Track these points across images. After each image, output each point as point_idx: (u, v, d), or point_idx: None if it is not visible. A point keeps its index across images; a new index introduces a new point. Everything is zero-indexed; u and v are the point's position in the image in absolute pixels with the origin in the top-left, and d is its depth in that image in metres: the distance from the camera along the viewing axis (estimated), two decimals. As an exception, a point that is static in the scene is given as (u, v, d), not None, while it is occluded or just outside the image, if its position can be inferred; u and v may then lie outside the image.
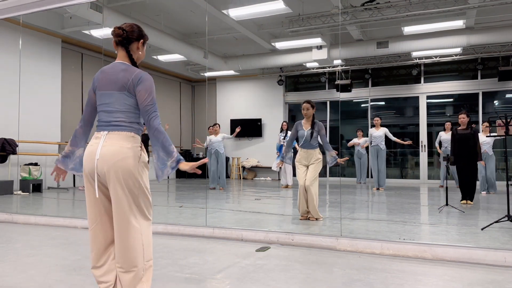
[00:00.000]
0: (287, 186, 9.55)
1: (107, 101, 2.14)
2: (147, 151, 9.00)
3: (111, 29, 2.26)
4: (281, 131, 9.74)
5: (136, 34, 2.23)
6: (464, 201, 6.40)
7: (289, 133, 9.30)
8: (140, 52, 2.28)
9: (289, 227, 4.49)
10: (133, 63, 2.23)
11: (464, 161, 6.33)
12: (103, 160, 2.06)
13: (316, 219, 4.82)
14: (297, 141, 5.27)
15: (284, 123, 9.67)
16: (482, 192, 7.96)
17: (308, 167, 4.92)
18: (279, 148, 9.67)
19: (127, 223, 2.07)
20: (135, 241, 2.07)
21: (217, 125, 9.29)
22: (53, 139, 9.33)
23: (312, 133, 4.93)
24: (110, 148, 2.07)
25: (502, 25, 9.49)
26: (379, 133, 8.89)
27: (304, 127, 5.04)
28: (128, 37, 2.20)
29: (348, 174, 12.37)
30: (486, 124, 7.99)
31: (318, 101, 12.73)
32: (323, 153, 5.01)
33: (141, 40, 2.26)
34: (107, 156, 2.06)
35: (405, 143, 8.97)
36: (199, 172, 2.19)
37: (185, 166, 2.12)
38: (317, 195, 4.85)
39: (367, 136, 10.35)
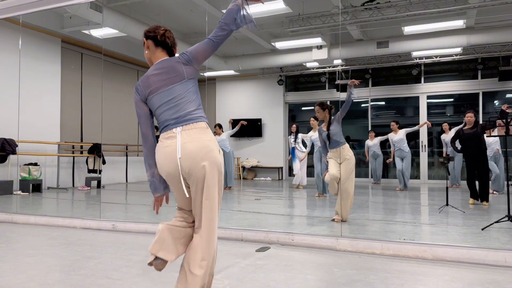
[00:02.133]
0: (296, 186, 9.50)
1: (168, 98, 2.05)
2: None
3: (111, 30, 2.29)
4: (290, 134, 9.61)
5: (173, 44, 2.25)
6: (472, 200, 6.33)
7: (299, 135, 9.33)
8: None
9: (289, 227, 4.48)
10: None
11: (473, 160, 6.25)
12: (187, 158, 1.97)
13: (342, 220, 4.68)
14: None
15: (294, 126, 9.41)
16: (495, 192, 7.88)
17: (340, 165, 4.82)
18: (291, 151, 9.57)
19: (213, 222, 2.05)
20: (214, 240, 2.08)
21: (217, 126, 9.29)
22: (52, 139, 9.32)
23: (328, 134, 4.91)
24: (192, 144, 1.98)
25: (502, 25, 9.49)
26: (398, 136, 8.84)
27: (325, 128, 5.06)
28: (173, 43, 2.23)
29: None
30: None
31: (319, 101, 12.73)
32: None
33: (176, 48, 2.29)
34: (192, 154, 1.97)
35: (422, 124, 8.88)
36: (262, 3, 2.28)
37: None
38: (352, 196, 4.73)
39: (376, 137, 10.34)
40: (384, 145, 10.89)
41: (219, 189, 2.07)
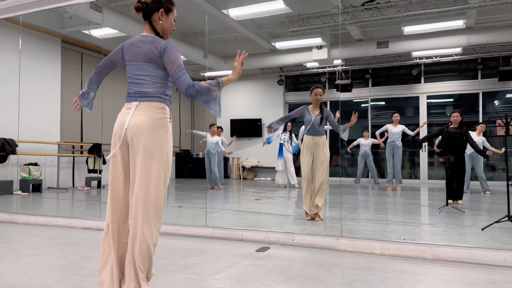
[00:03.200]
0: (285, 186, 9.55)
1: (135, 72, 2.16)
2: None
3: (111, 30, 2.34)
4: (284, 131, 9.50)
5: (151, 4, 2.16)
6: (452, 201, 6.37)
7: (293, 135, 9.33)
8: (161, 22, 2.18)
9: (289, 227, 4.48)
10: (157, 34, 2.20)
11: (452, 160, 6.30)
12: (132, 129, 2.10)
13: (319, 214, 4.77)
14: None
15: (290, 125, 9.36)
16: (466, 191, 7.91)
17: (313, 160, 4.83)
18: (279, 146, 9.55)
19: (148, 190, 2.09)
20: (155, 209, 2.13)
21: (214, 126, 9.28)
22: (52, 139, 9.32)
23: (321, 118, 4.86)
24: (141, 118, 2.09)
25: (502, 25, 9.49)
26: (396, 129, 8.76)
27: (312, 112, 4.94)
28: (147, 9, 2.17)
29: (344, 174, 12.36)
30: (483, 125, 7.97)
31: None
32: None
33: (161, 9, 2.17)
34: (137, 126, 2.09)
35: (423, 124, 8.88)
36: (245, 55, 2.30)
37: (230, 78, 2.19)
38: (325, 191, 4.80)
39: (372, 137, 10.36)
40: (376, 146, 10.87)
41: (159, 168, 2.11)
